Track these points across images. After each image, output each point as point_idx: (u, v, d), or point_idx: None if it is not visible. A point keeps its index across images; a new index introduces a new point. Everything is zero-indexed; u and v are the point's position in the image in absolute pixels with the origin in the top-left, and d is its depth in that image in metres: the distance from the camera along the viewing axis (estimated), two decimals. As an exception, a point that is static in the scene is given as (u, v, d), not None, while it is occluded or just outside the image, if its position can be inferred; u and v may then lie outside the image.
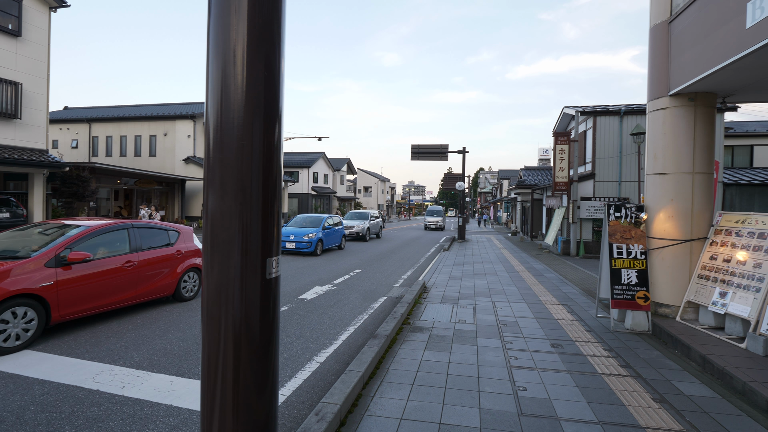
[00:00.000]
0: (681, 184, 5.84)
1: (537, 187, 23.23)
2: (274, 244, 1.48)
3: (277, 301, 1.52)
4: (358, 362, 4.11)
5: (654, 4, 6.05)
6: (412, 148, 23.84)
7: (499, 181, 54.12)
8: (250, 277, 1.40)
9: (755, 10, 3.96)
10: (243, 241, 1.37)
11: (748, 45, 4.12)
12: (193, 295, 7.34)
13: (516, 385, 3.96)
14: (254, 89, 1.31)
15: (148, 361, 4.44)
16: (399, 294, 8.27)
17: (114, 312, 6.25)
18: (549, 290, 8.72)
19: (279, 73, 1.39)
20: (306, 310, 6.81)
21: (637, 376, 4.24)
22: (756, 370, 4.19)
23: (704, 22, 4.94)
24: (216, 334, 1.43)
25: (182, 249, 7.11)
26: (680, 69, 5.53)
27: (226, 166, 1.30)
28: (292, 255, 14.16)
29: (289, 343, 5.20)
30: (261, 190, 1.35)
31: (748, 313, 4.90)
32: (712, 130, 5.85)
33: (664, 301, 6.03)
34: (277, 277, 1.51)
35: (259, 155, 1.33)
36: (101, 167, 17.53)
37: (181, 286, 7.06)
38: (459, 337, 5.37)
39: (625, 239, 6.05)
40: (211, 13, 1.37)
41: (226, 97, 1.30)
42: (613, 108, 15.44)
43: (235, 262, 1.37)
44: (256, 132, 1.33)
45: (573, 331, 5.76)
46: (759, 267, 5.01)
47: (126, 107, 27.58)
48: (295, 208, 37.81)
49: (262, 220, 1.38)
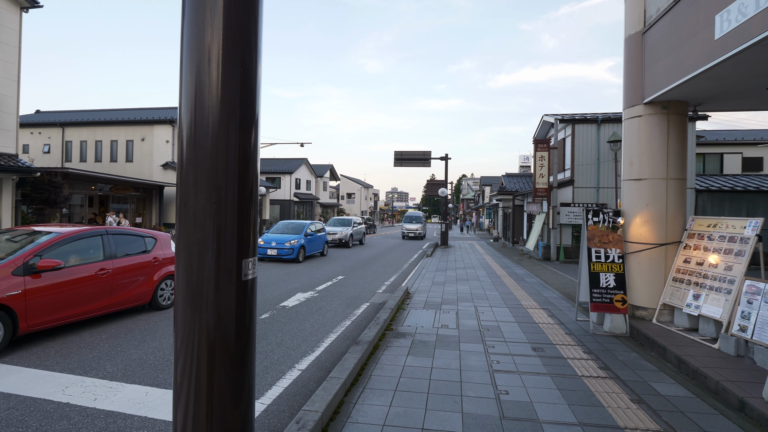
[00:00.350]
0: (656, 189, 6.00)
1: (518, 193, 23.58)
2: (251, 244, 1.44)
3: (253, 303, 1.48)
4: (340, 369, 4.06)
5: (628, 14, 6.24)
6: (395, 155, 23.92)
7: (481, 187, 54.73)
8: (225, 278, 1.35)
9: (723, 22, 4.12)
10: (218, 241, 1.33)
11: (716, 55, 4.27)
12: (171, 304, 7.15)
13: (498, 389, 3.97)
14: (230, 89, 1.29)
15: (122, 372, 4.30)
16: (382, 300, 8.23)
17: (87, 322, 6.05)
18: (530, 295, 8.81)
19: (256, 74, 1.37)
20: (287, 318, 6.71)
21: (616, 378, 4.31)
22: (728, 369, 4.30)
23: (676, 33, 5.11)
24: (189, 339, 1.37)
25: (159, 256, 6.94)
26: (654, 78, 5.70)
27: (200, 164, 1.26)
28: (273, 262, 13.98)
29: (269, 351, 5.11)
30: (237, 189, 1.31)
31: (720, 314, 5.04)
32: (685, 137, 6.04)
33: (641, 304, 6.16)
34: (253, 278, 1.47)
35: (235, 155, 1.30)
36: (75, 173, 17.02)
37: (158, 294, 6.89)
38: (442, 342, 5.37)
39: (603, 243, 6.17)
40: (185, 13, 1.34)
41: (200, 96, 1.27)
42: (591, 116, 15.83)
43: (209, 264, 1.33)
44: (232, 132, 1.30)
45: (554, 335, 5.82)
46: (730, 269, 5.16)
47: (102, 111, 26.89)
48: (277, 214, 37.43)
49: (238, 219, 1.34)
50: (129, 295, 6.33)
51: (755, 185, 15.37)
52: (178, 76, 1.33)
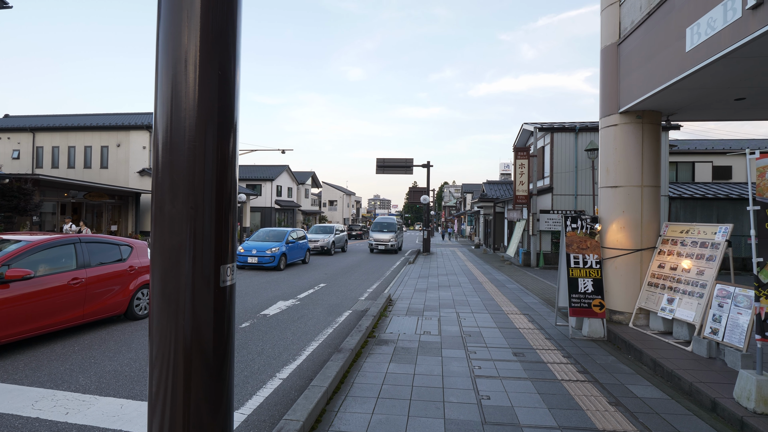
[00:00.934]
0: (631, 196, 6.17)
1: (499, 200, 23.89)
2: (229, 250, 1.41)
3: (232, 311, 1.46)
4: (322, 377, 4.01)
5: (604, 26, 6.45)
6: (378, 162, 23.98)
7: (462, 194, 55.27)
8: (203, 285, 1.32)
9: (693, 35, 4.29)
10: (195, 247, 1.30)
11: (687, 67, 4.45)
12: (147, 313, 6.93)
13: (480, 394, 3.99)
14: (207, 94, 1.27)
15: (95, 385, 4.15)
16: (364, 307, 8.20)
17: (59, 333, 5.83)
18: (511, 300, 8.91)
19: (234, 78, 1.36)
20: (268, 326, 6.61)
21: (594, 381, 4.38)
22: (701, 371, 4.43)
23: (649, 45, 5.30)
24: (164, 348, 1.33)
25: (135, 265, 6.77)
26: (629, 88, 5.89)
27: (177, 168, 1.23)
28: (254, 270, 13.79)
29: (250, 360, 5.02)
30: (215, 194, 1.29)
31: (693, 317, 5.19)
32: (658, 146, 6.24)
33: (618, 308, 6.29)
34: (232, 285, 1.44)
35: (213, 159, 1.27)
36: (46, 179, 16.49)
37: (134, 303, 6.71)
38: (424, 349, 5.37)
39: (581, 249, 6.29)
40: (161, 15, 1.32)
41: (176, 100, 1.24)
42: (569, 125, 16.21)
43: (186, 270, 1.29)
44: (210, 136, 1.28)
45: (534, 340, 5.89)
46: (701, 274, 5.33)
47: (75, 116, 26.11)
48: (257, 222, 36.98)
49: (216, 224, 1.32)
50: (103, 305, 6.13)
51: (725, 193, 15.96)
52: (154, 79, 1.31)
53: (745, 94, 5.22)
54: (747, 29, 3.59)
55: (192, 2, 1.28)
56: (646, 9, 5.37)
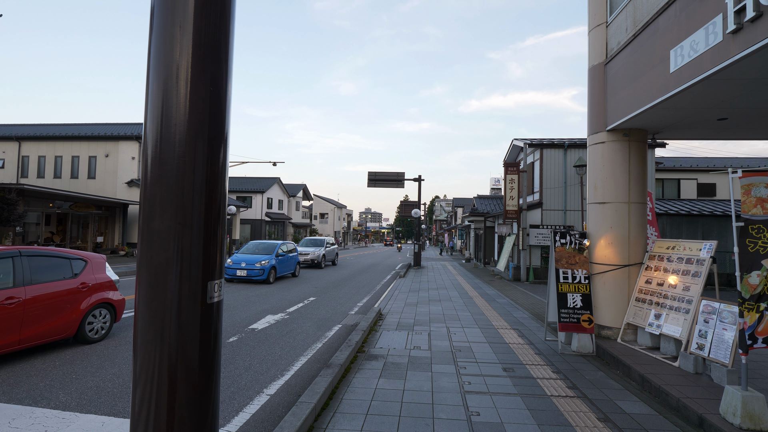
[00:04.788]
0: (619, 212, 6.26)
1: (489, 215, 24.06)
2: (217, 265, 1.39)
3: (219, 327, 1.44)
4: (310, 393, 3.95)
5: (592, 46, 6.62)
6: (369, 175, 24.05)
7: (453, 209, 55.56)
8: (190, 301, 1.30)
9: (677, 56, 4.43)
10: (182, 262, 1.28)
11: (671, 88, 4.57)
12: (103, 335, 6.21)
13: (470, 410, 3.96)
14: (198, 108, 1.28)
15: (76, 401, 4.04)
16: (354, 322, 8.13)
17: (38, 348, 5.67)
18: (501, 315, 8.91)
19: (226, 93, 1.36)
20: (256, 341, 6.52)
21: (583, 397, 4.38)
22: (688, 387, 4.45)
23: (635, 66, 5.45)
24: (149, 365, 1.30)
25: (89, 281, 6.01)
26: (616, 106, 6.03)
27: (166, 183, 1.22)
28: (243, 283, 13.64)
29: (237, 375, 4.93)
30: (203, 209, 1.28)
31: (680, 333, 5.24)
32: (645, 163, 6.37)
33: (606, 324, 6.33)
34: (219, 301, 1.42)
35: (203, 174, 1.27)
36: (31, 189, 16.23)
37: (86, 325, 5.91)
38: (414, 364, 5.33)
39: (570, 264, 6.34)
40: (153, 29, 1.32)
41: (167, 114, 1.25)
42: (558, 141, 16.48)
43: (172, 286, 1.28)
44: (200, 151, 1.28)
45: (524, 355, 5.88)
46: (687, 290, 5.40)
47: (63, 126, 25.82)
48: (247, 234, 36.70)
49: (204, 240, 1.31)
50: (46, 328, 5.37)
51: (709, 210, 16.27)
52: (144, 92, 1.31)
53: (726, 114, 5.37)
54: (728, 52, 3.72)
55: (185, 17, 1.29)
56: (631, 31, 5.54)
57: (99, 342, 6.08)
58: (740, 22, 3.53)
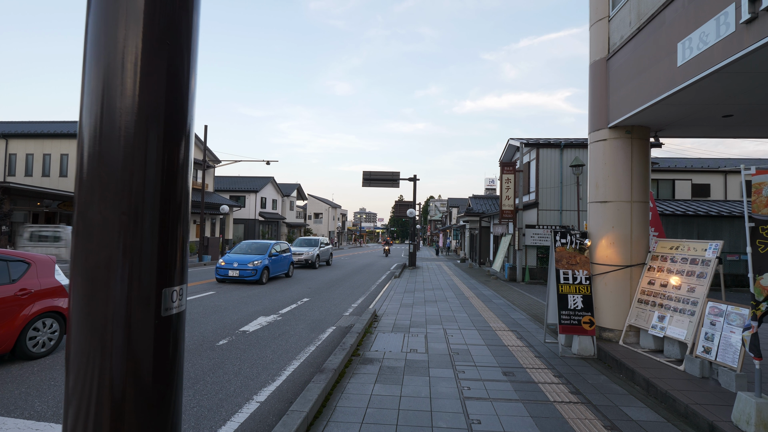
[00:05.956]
0: (621, 211, 6.10)
1: (485, 215, 23.93)
2: (177, 269, 1.09)
3: (179, 344, 1.14)
4: (302, 401, 3.74)
5: (593, 41, 6.45)
6: (364, 175, 23.85)
7: (448, 209, 55.44)
8: (139, 312, 1.01)
9: (685, 49, 4.26)
10: (129, 264, 1.00)
11: (678, 82, 4.41)
12: (52, 348, 5.44)
13: (470, 418, 3.77)
14: (151, 95, 0.99)
15: (53, 411, 3.80)
16: (349, 323, 7.92)
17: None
18: (498, 316, 8.74)
19: (188, 77, 1.09)
20: (247, 344, 6.29)
21: (588, 403, 4.20)
22: (695, 392, 4.29)
23: (639, 60, 5.28)
24: (84, 394, 1.00)
25: (31, 287, 5.21)
26: (618, 103, 5.87)
27: (106, 164, 0.89)
28: (235, 283, 13.38)
29: (226, 381, 4.71)
30: (159, 201, 1.00)
31: (685, 336, 5.08)
32: (647, 161, 6.22)
33: (608, 326, 6.17)
34: (180, 312, 1.12)
35: (158, 162, 0.91)
36: (17, 187, 15.83)
37: (27, 338, 5.11)
38: (411, 368, 5.14)
39: (571, 265, 6.18)
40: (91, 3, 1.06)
41: (110, 93, 0.96)
42: (554, 141, 16.37)
43: (116, 293, 0.99)
44: (153, 138, 0.96)
45: (523, 358, 5.71)
46: (693, 291, 5.24)
47: (52, 123, 25.29)
48: (241, 234, 36.33)
49: (160, 237, 1.04)
50: None
51: (704, 210, 16.23)
52: (81, 75, 1.03)
53: (733, 111, 5.23)
54: (741, 44, 3.56)
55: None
56: (636, 24, 5.38)
57: (47, 356, 5.34)
58: (755, 11, 3.37)
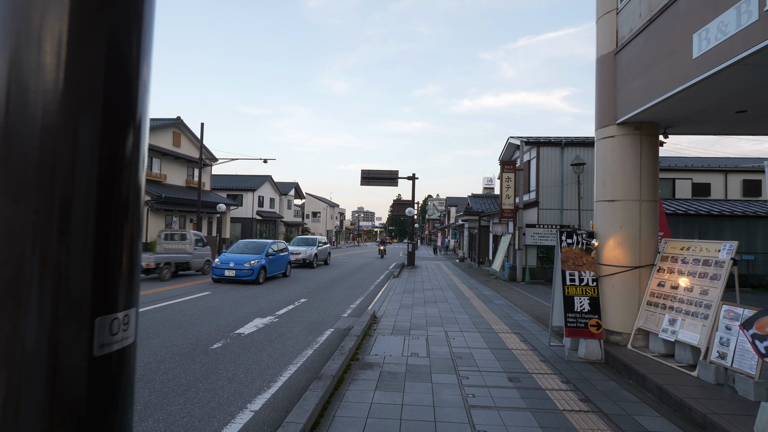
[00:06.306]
0: (629, 211, 5.90)
1: (484, 214, 23.75)
2: (121, 287, 0.73)
3: (122, 396, 0.73)
4: (298, 411, 3.53)
5: (600, 35, 6.24)
6: (362, 174, 23.64)
7: (446, 208, 55.27)
8: (65, 351, 0.65)
9: (702, 41, 4.06)
10: (45, 282, 0.65)
11: (694, 75, 4.20)
12: None
13: (476, 429, 3.56)
14: (82, 72, 0.65)
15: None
16: (347, 325, 7.71)
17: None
18: (500, 318, 8.54)
19: (137, 56, 0.74)
20: (242, 347, 6.07)
21: (599, 412, 4.00)
22: (711, 400, 4.09)
23: (650, 53, 5.07)
24: None
25: None
26: (627, 98, 5.66)
27: (14, 147, 0.60)
28: (231, 284, 13.14)
29: (218, 388, 4.49)
30: (95, 200, 0.55)
31: (698, 340, 4.89)
32: (656, 159, 6.02)
33: (615, 329, 5.97)
34: (124, 348, 0.72)
35: (92, 153, 0.63)
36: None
37: None
38: (412, 374, 4.92)
39: (578, 266, 5.97)
40: None
41: (20, 76, 0.62)
42: (555, 139, 16.18)
43: (25, 322, 0.63)
44: (85, 125, 0.66)
45: (528, 362, 5.51)
46: (705, 294, 5.05)
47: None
48: (238, 233, 36.06)
49: (95, 245, 0.69)
50: None
51: (705, 209, 16.08)
52: None
53: (747, 106, 5.03)
54: (765, 33, 3.35)
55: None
56: (646, 16, 5.17)
57: None
58: (782, -2, 3.16)
